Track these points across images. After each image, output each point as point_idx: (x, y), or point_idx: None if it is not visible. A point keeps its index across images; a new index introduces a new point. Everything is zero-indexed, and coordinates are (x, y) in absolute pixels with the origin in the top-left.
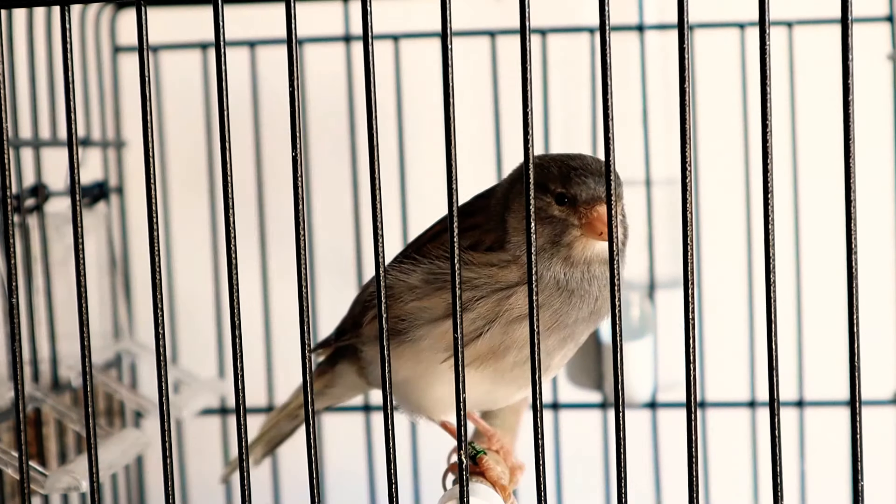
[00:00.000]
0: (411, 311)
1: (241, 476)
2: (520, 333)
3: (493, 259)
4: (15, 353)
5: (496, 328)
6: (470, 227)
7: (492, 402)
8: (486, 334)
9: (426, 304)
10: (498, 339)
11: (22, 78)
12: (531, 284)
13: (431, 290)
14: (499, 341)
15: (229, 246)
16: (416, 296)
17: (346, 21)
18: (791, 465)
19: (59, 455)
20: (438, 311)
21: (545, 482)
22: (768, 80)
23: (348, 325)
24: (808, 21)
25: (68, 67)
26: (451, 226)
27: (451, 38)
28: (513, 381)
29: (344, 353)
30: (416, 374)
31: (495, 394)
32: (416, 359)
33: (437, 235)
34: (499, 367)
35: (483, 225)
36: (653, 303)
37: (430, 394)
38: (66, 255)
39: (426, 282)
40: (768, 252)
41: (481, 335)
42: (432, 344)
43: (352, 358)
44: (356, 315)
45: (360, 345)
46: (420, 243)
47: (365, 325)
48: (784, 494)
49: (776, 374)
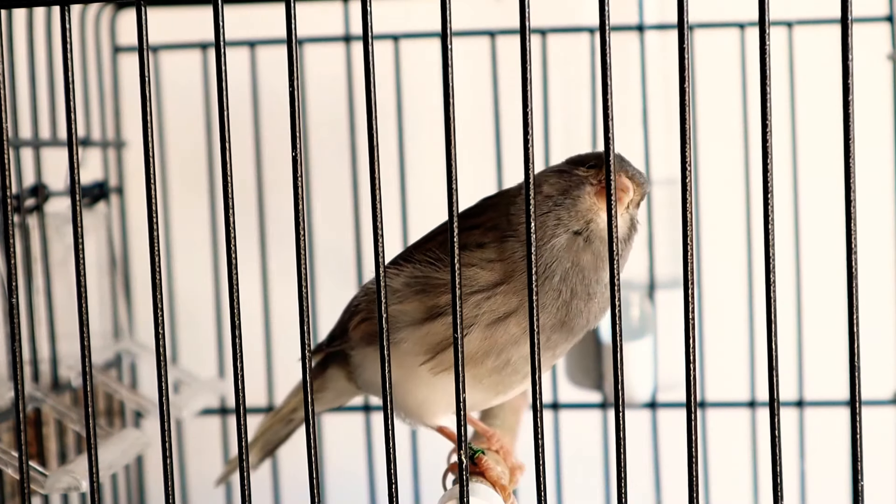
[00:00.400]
0: (393, 314)
1: (241, 476)
2: (500, 336)
3: (473, 259)
4: (15, 353)
5: (475, 332)
6: (470, 228)
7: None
8: (464, 339)
9: (405, 308)
10: (476, 343)
11: (22, 78)
12: (531, 284)
13: (411, 293)
14: (476, 346)
15: (229, 246)
16: (397, 299)
17: (346, 21)
18: (791, 465)
19: (59, 455)
20: (417, 315)
21: (545, 482)
22: (768, 80)
23: (337, 331)
24: (808, 21)
25: (68, 67)
26: (451, 226)
27: (451, 38)
28: (490, 387)
29: (334, 357)
30: (398, 377)
31: (470, 399)
32: (398, 362)
33: (428, 240)
34: (476, 372)
35: (485, 224)
36: (653, 303)
37: (413, 397)
38: (66, 255)
39: (407, 285)
40: (768, 252)
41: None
42: (412, 347)
43: (341, 363)
44: (344, 321)
45: (348, 349)
46: (413, 247)
47: (351, 329)
48: (784, 494)
49: (776, 374)
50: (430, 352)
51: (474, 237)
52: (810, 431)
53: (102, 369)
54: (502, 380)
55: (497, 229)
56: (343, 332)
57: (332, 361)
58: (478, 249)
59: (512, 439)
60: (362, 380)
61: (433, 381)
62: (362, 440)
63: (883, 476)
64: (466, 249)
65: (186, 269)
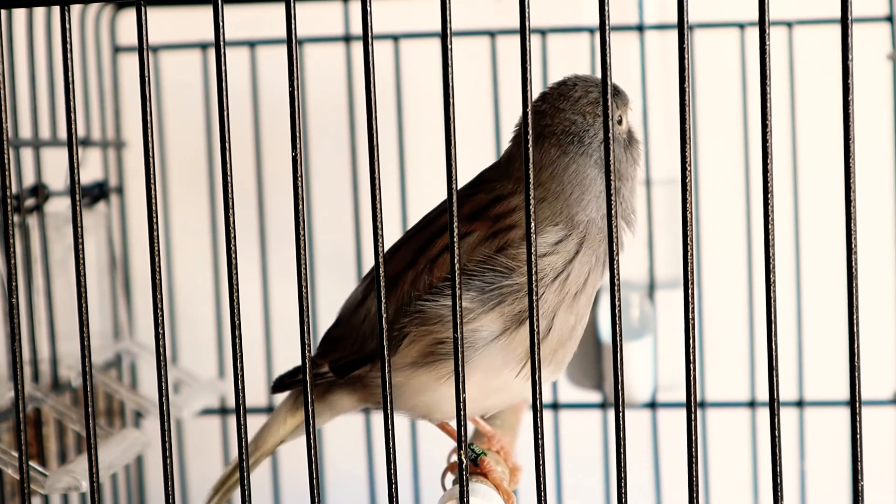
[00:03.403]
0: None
1: (241, 476)
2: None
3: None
4: (15, 353)
5: (561, 313)
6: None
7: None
8: (556, 325)
9: (481, 323)
10: (565, 322)
11: (22, 78)
12: (531, 284)
13: (486, 307)
14: (566, 325)
15: (229, 246)
16: (469, 318)
17: (346, 21)
18: (791, 465)
19: (59, 455)
20: (495, 327)
21: (545, 482)
22: (768, 80)
23: (356, 356)
24: (808, 21)
25: (68, 67)
26: (451, 225)
27: (451, 38)
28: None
29: (343, 382)
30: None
31: None
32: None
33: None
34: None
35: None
36: (653, 303)
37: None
38: (66, 255)
39: (479, 301)
40: (768, 252)
41: (549, 331)
42: (494, 362)
43: (350, 385)
44: (364, 343)
45: (377, 373)
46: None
47: (395, 353)
48: (784, 494)
49: (776, 374)
50: (524, 358)
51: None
52: (810, 431)
53: (102, 369)
54: (566, 353)
55: None
56: (366, 360)
57: (339, 386)
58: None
59: (512, 439)
60: (401, 403)
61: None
62: (362, 440)
63: (883, 476)
64: (512, 247)
65: (186, 269)
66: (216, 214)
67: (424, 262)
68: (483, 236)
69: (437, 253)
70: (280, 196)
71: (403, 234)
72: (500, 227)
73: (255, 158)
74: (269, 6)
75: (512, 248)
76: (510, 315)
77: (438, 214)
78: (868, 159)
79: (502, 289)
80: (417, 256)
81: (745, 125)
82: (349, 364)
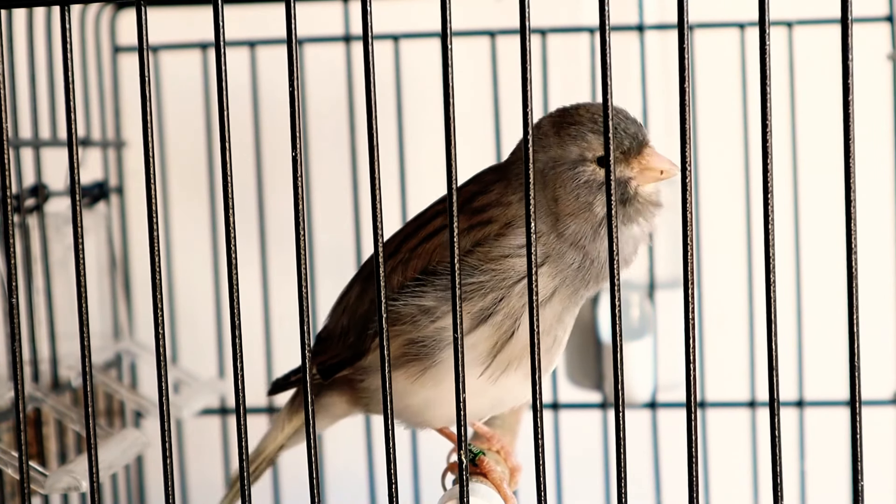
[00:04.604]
0: (431, 334)
1: (241, 476)
2: (549, 316)
3: (505, 249)
4: (15, 353)
5: (524, 320)
6: (479, 224)
7: (512, 399)
8: (519, 331)
9: (446, 323)
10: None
11: (22, 78)
12: (531, 284)
13: (450, 306)
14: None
15: (229, 246)
16: (433, 317)
17: (346, 21)
18: (791, 465)
19: (59, 455)
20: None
21: (545, 482)
22: (768, 80)
23: (345, 355)
24: (808, 21)
25: (68, 67)
26: (451, 226)
27: (451, 38)
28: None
29: (331, 385)
30: (434, 396)
31: (523, 388)
32: (437, 380)
33: (424, 241)
34: (528, 362)
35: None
36: (653, 303)
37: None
38: (66, 255)
39: (443, 300)
40: (768, 252)
41: (513, 334)
42: (469, 361)
43: (343, 389)
44: (353, 344)
45: (360, 375)
46: (417, 245)
47: (371, 351)
48: (784, 494)
49: (776, 374)
50: (486, 359)
51: (489, 229)
52: (810, 431)
53: (102, 369)
54: (551, 358)
55: None
56: (355, 357)
57: (329, 389)
58: (501, 238)
59: (512, 439)
60: (375, 401)
61: (486, 388)
62: (362, 440)
63: (883, 476)
64: (485, 242)
65: (186, 269)
66: (216, 214)
67: (405, 252)
68: (461, 229)
69: (417, 244)
70: (280, 196)
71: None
72: (478, 220)
73: (255, 158)
74: (269, 6)
75: (486, 245)
76: (471, 313)
77: (430, 206)
78: (868, 159)
79: (464, 287)
80: (401, 246)
81: (745, 125)
82: (334, 365)
